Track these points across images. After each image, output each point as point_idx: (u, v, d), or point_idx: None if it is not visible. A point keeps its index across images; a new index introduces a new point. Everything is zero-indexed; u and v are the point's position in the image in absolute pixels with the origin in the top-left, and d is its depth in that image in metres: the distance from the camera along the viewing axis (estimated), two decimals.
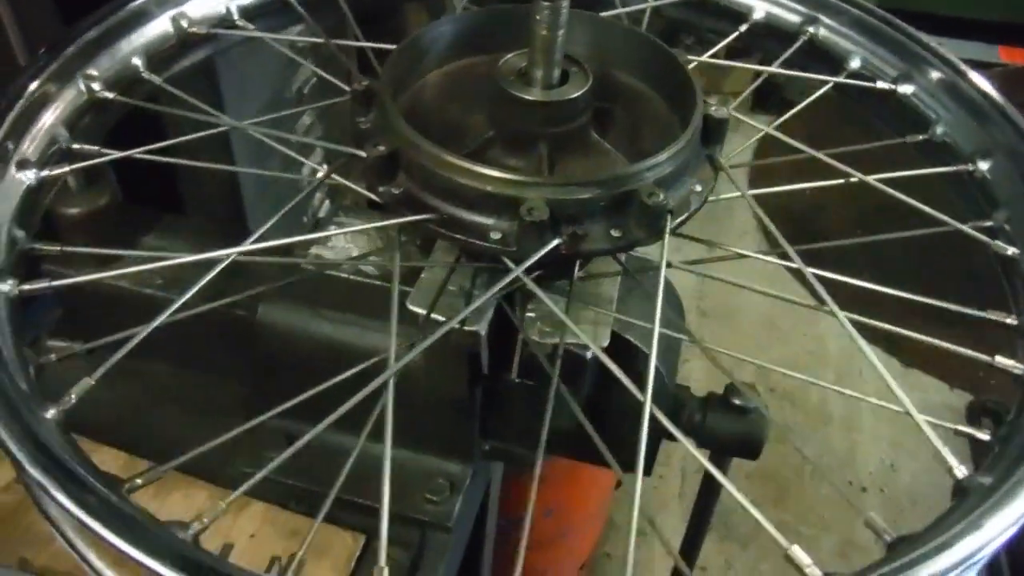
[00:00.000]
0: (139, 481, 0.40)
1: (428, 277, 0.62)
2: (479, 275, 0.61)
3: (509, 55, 0.54)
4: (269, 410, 0.82)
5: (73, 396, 0.43)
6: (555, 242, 0.47)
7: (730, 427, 0.75)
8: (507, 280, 0.48)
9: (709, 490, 0.84)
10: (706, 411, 0.75)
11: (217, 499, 0.76)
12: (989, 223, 0.62)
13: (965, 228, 0.59)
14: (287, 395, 0.82)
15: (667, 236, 0.50)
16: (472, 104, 0.57)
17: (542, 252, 0.47)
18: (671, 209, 0.51)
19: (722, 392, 0.75)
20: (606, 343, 0.60)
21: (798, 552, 0.39)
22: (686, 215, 0.54)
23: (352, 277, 0.71)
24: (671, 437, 0.77)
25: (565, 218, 0.50)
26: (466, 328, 0.59)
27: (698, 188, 0.55)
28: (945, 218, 0.59)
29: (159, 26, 0.66)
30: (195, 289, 0.50)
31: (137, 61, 0.60)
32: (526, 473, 1.41)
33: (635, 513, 0.43)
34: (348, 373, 0.53)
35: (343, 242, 0.74)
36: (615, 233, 0.51)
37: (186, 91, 1.06)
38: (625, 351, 0.68)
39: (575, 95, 0.51)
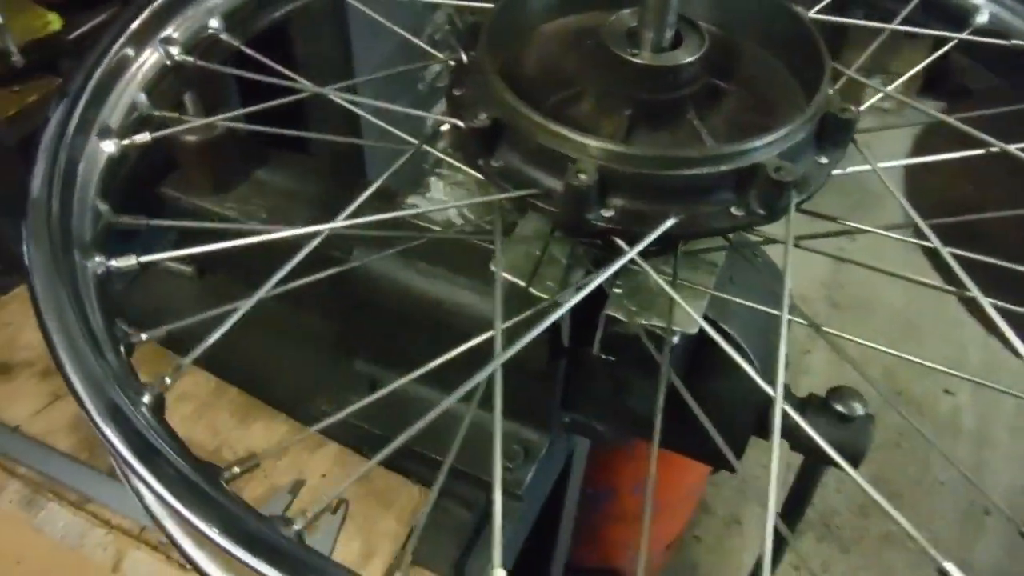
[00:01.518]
0: (236, 470, 0.40)
1: (519, 240, 0.60)
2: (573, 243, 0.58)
3: (619, 13, 0.50)
4: (356, 351, 0.83)
5: (168, 380, 0.43)
6: (670, 222, 0.44)
7: (828, 435, 0.69)
8: (620, 263, 0.45)
9: (801, 492, 0.79)
10: (804, 413, 0.70)
11: (295, 433, 0.78)
12: None
13: None
14: (375, 340, 0.83)
15: (792, 213, 0.45)
16: (576, 65, 0.53)
17: (658, 232, 0.43)
18: (796, 183, 0.46)
19: (825, 394, 0.70)
20: (695, 330, 0.56)
21: (954, 570, 0.34)
22: (812, 190, 0.49)
23: (444, 233, 0.70)
24: (761, 434, 0.73)
25: (680, 195, 0.46)
26: (545, 297, 0.57)
27: (823, 160, 0.50)
28: None
29: None
30: (292, 264, 0.49)
31: (215, 23, 0.59)
32: (617, 446, 1.38)
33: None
34: (460, 349, 0.50)
35: (441, 193, 0.72)
36: (736, 212, 0.47)
37: (313, 31, 1.06)
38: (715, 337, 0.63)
39: (682, 62, 0.47)
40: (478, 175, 0.53)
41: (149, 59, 0.57)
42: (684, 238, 0.54)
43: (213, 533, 0.37)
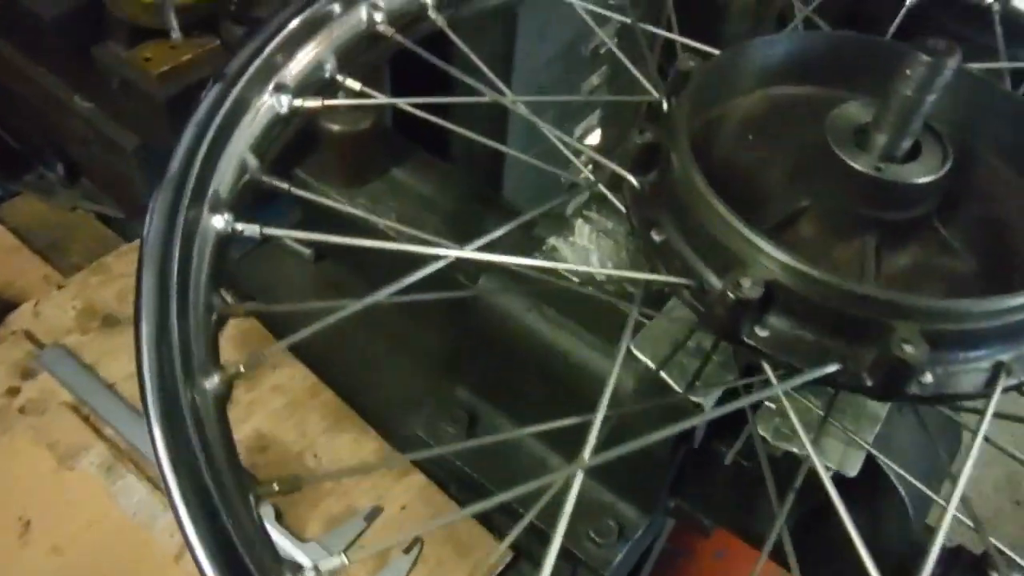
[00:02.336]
0: (276, 487, 0.36)
1: (659, 322, 0.53)
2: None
3: (846, 103, 0.42)
4: (460, 378, 0.78)
5: (242, 368, 0.39)
6: (832, 367, 0.36)
7: None
8: (764, 395, 0.38)
9: None
10: (951, 568, 0.61)
11: (382, 454, 0.74)
12: None
13: None
14: (482, 371, 0.77)
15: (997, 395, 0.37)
16: (782, 153, 0.45)
17: (813, 375, 0.36)
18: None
19: (980, 554, 0.60)
20: (853, 473, 0.48)
21: None
22: None
23: (574, 288, 0.64)
24: None
25: (861, 337, 0.38)
26: (691, 397, 0.50)
27: None
28: None
29: None
30: (412, 280, 0.44)
31: None
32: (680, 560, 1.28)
33: None
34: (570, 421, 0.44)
35: (585, 241, 0.66)
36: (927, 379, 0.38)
37: (478, 29, 1.00)
38: (874, 478, 0.55)
39: (925, 180, 0.39)
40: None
41: (351, 19, 0.52)
42: (847, 390, 0.45)
43: (200, 554, 0.32)
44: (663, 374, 0.50)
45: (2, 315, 0.77)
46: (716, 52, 0.49)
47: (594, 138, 1.21)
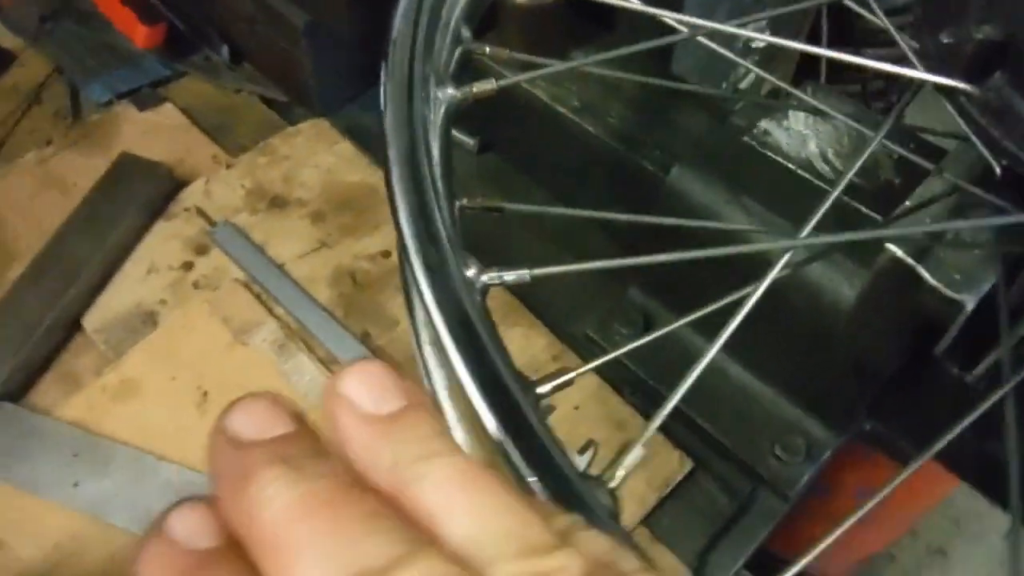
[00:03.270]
0: (547, 388, 0.32)
1: (914, 205, 0.47)
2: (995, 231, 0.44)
3: None
4: (634, 278, 0.73)
5: (505, 278, 0.36)
6: None
7: None
8: None
9: None
10: None
11: (551, 351, 0.71)
12: None
13: None
14: (659, 272, 0.73)
15: None
16: None
17: None
18: None
19: None
20: None
21: None
22: None
23: (798, 171, 0.57)
24: None
25: None
26: (948, 294, 0.43)
27: None
28: None
29: None
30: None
31: None
32: (858, 444, 1.22)
33: None
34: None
35: (801, 126, 0.59)
36: None
37: None
38: None
39: None
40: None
41: None
42: None
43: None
44: (915, 264, 0.44)
45: (175, 192, 0.76)
46: None
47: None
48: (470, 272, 0.34)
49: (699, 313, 0.43)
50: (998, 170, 0.37)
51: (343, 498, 0.19)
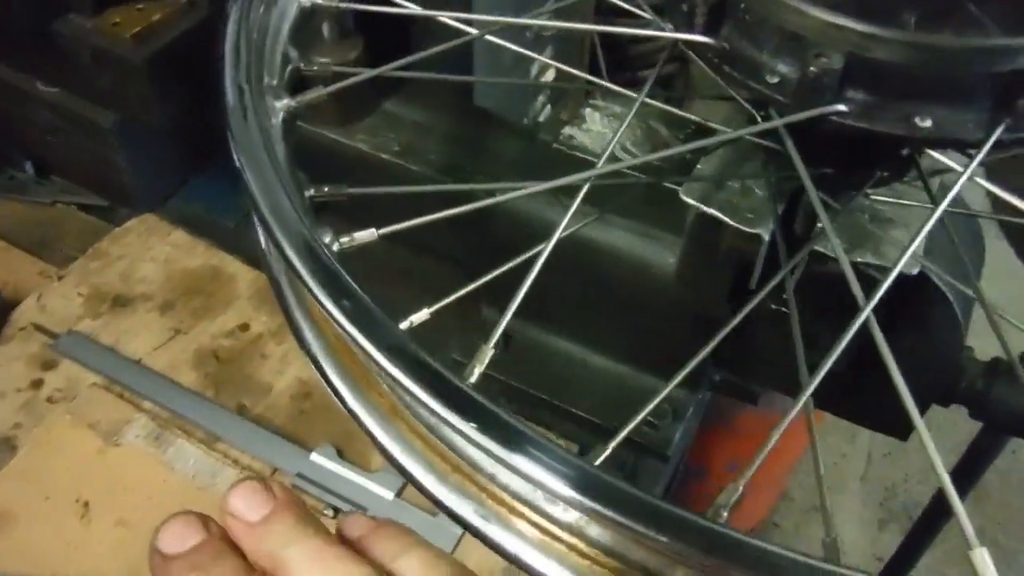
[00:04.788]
0: (406, 324, 0.36)
1: (705, 168, 0.54)
2: (769, 170, 0.52)
3: None
4: (490, 300, 0.78)
5: (356, 238, 0.39)
6: (839, 107, 0.37)
7: (1019, 401, 0.63)
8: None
9: (974, 463, 0.72)
10: (993, 380, 0.63)
11: None
12: None
13: None
14: (509, 286, 0.78)
15: None
16: None
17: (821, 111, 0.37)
18: None
19: (1020, 358, 0.63)
20: (916, 271, 0.50)
21: (983, 556, 0.29)
22: None
23: (605, 167, 0.64)
24: (944, 402, 0.67)
25: (908, 93, 0.39)
26: (746, 229, 0.51)
27: None
28: None
29: None
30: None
31: None
32: (719, 424, 1.32)
33: None
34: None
35: (599, 126, 0.67)
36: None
37: None
38: (919, 294, 0.57)
39: None
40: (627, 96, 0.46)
41: None
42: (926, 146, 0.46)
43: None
44: (714, 211, 0.51)
45: (5, 314, 0.74)
46: None
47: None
48: (327, 239, 0.38)
49: (484, 279, 0.47)
50: (759, 117, 0.45)
51: None
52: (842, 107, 0.38)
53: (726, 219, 0.51)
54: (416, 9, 0.51)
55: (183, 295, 0.77)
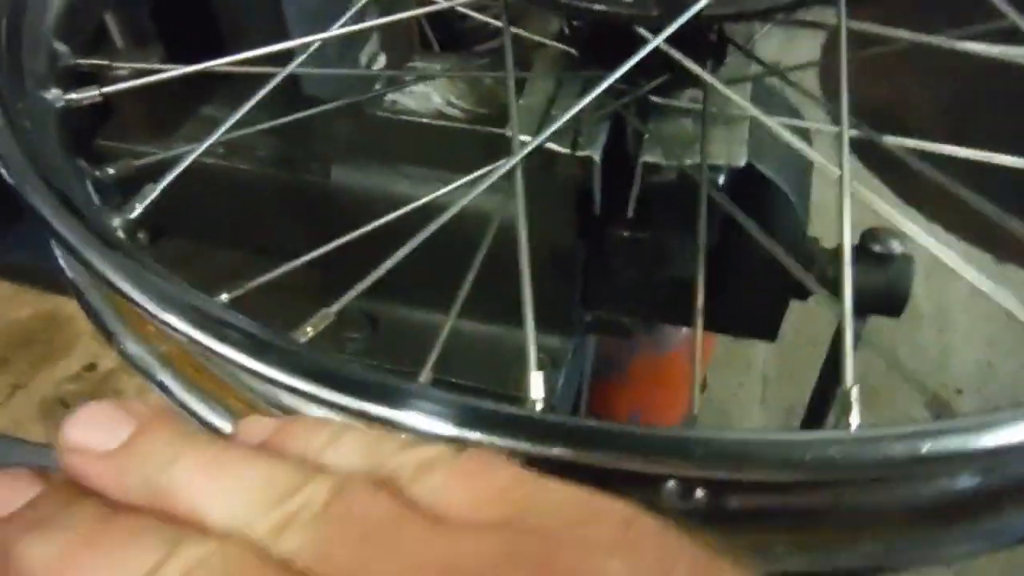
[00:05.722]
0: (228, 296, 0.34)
1: (528, 102, 0.54)
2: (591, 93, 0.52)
3: None
4: (347, 290, 0.76)
5: (137, 205, 0.36)
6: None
7: (870, 279, 0.66)
8: (644, 52, 0.39)
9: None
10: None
11: None
12: None
13: None
14: (367, 271, 0.76)
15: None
16: None
17: (693, 11, 0.38)
18: None
19: (858, 240, 0.66)
20: (743, 162, 0.51)
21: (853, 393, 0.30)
22: None
23: (435, 123, 0.63)
24: (801, 295, 0.69)
25: None
26: (577, 154, 0.51)
27: None
28: None
29: None
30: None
31: None
32: (613, 375, 1.34)
33: None
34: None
35: (420, 86, 0.65)
36: None
37: None
38: (754, 187, 0.59)
39: None
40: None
41: None
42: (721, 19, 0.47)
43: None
44: (551, 145, 0.51)
45: None
46: None
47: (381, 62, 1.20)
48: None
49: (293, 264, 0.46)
50: (566, 29, 0.45)
51: (101, 530, 0.20)
52: None
53: (554, 147, 0.51)
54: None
55: (17, 347, 0.71)
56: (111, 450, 0.22)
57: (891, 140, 0.43)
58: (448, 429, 0.27)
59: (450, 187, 0.48)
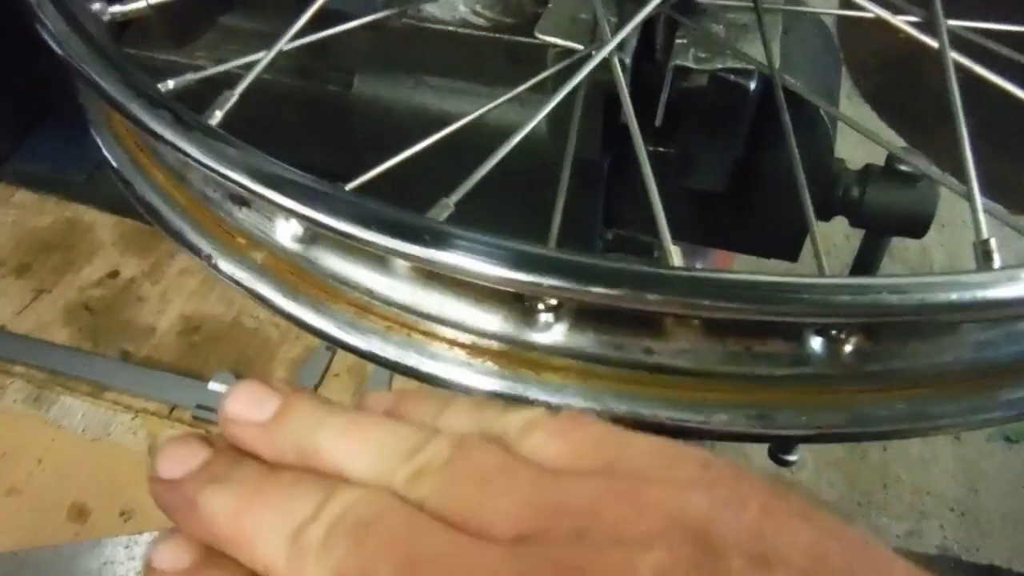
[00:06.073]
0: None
1: (557, 7, 0.53)
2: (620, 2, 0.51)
3: None
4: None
5: (217, 112, 0.37)
6: None
7: (895, 199, 0.65)
8: None
9: (863, 270, 0.74)
10: (865, 184, 0.65)
11: None
12: None
13: None
14: (387, 186, 0.75)
15: None
16: None
17: None
18: None
19: (884, 162, 0.65)
20: (777, 64, 0.51)
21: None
22: None
23: (460, 31, 0.62)
24: (824, 215, 0.68)
25: None
26: (604, 56, 0.50)
27: None
28: None
29: None
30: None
31: None
32: None
33: None
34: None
35: None
36: None
37: None
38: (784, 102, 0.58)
39: None
40: None
41: None
42: None
43: None
44: (570, 43, 0.50)
45: None
46: None
47: None
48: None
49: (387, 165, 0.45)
50: None
51: (266, 483, 0.25)
52: None
53: (582, 47, 0.50)
54: None
55: (40, 254, 0.71)
56: (263, 421, 0.26)
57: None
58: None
59: (506, 97, 0.47)
